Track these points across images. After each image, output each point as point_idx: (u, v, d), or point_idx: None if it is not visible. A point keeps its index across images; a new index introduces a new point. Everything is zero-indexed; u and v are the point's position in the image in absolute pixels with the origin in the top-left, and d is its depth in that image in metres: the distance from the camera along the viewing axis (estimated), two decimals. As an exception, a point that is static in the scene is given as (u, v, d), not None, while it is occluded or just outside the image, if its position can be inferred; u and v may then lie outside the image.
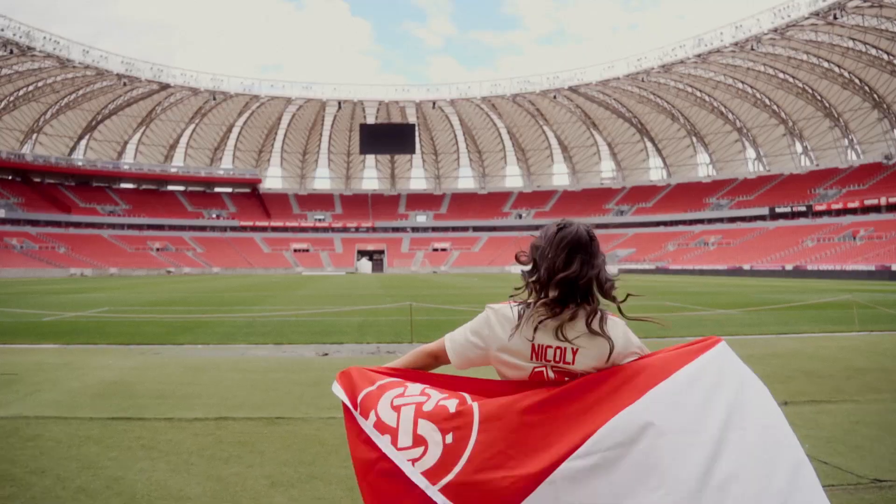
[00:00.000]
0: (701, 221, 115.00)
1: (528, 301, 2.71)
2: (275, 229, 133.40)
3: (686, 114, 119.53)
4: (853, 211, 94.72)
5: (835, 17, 77.99)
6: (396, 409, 2.56)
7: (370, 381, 2.76)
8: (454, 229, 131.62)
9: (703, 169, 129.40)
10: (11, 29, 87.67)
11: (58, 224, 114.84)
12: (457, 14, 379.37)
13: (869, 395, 8.60)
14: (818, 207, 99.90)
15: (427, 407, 2.55)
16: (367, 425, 2.57)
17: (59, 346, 13.91)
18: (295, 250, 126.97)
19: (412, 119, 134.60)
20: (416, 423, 2.49)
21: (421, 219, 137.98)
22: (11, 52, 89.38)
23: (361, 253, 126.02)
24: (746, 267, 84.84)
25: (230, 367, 11.19)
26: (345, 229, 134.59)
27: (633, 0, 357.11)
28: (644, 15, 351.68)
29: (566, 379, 2.58)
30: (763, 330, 16.76)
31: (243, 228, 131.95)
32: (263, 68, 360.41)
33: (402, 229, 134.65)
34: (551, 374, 2.62)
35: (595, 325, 2.55)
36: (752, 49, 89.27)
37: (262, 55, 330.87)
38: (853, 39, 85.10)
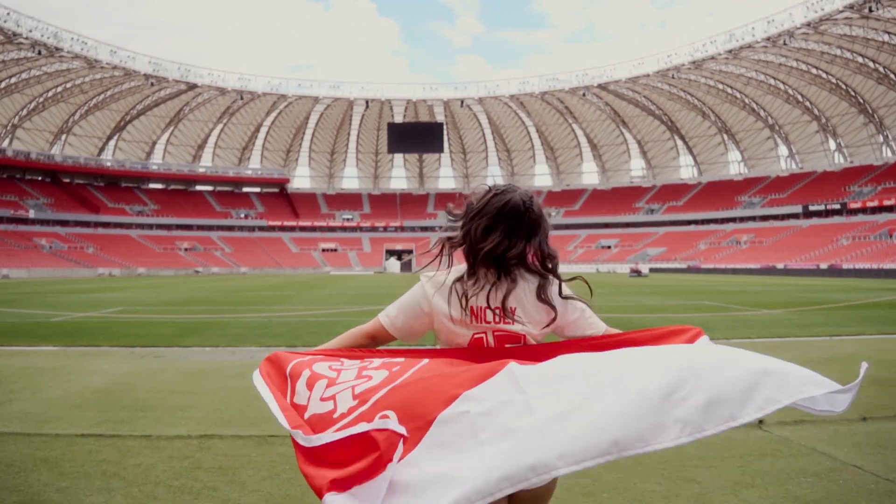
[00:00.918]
0: (733, 220, 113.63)
1: (463, 269, 2.68)
2: (303, 229, 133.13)
3: (717, 111, 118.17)
4: (889, 209, 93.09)
5: (870, 10, 76.52)
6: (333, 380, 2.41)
7: (299, 359, 2.59)
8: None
9: (734, 167, 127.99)
10: (39, 30, 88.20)
11: (87, 224, 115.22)
12: (484, 13, 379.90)
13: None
14: (853, 205, 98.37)
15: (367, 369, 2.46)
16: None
17: (58, 349, 13.05)
18: (323, 250, 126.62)
19: (440, 118, 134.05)
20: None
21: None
22: (40, 52, 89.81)
23: (390, 252, 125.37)
24: (780, 266, 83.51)
25: (233, 372, 10.24)
26: (373, 229, 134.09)
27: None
28: (673, 12, 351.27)
29: (506, 346, 2.64)
30: (814, 331, 15.57)
31: (271, 228, 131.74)
32: (291, 69, 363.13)
33: (431, 228, 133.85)
34: (491, 341, 2.65)
35: (537, 293, 2.67)
36: (785, 44, 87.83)
37: (289, 56, 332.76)
38: (888, 33, 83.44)
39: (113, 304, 27.07)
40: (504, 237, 2.64)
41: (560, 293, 2.78)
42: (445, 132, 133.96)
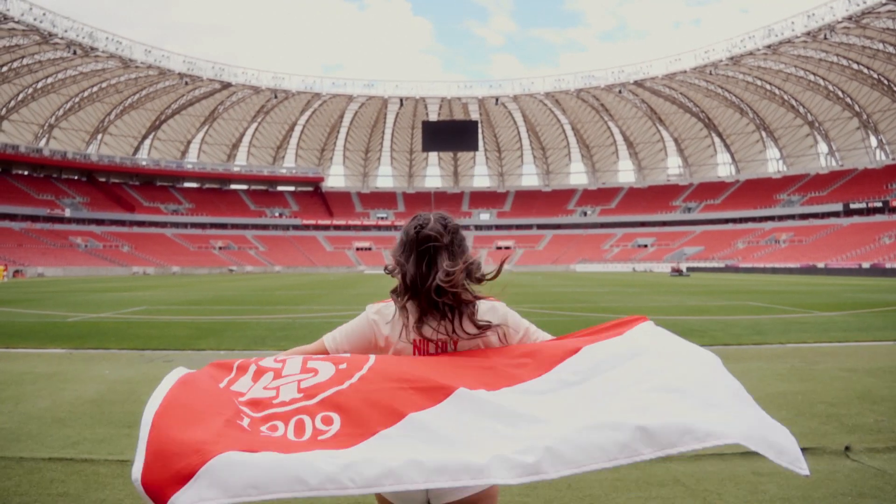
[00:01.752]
0: (771, 218, 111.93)
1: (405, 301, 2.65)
2: (337, 228, 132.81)
3: (755, 107, 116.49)
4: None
5: (916, 3, 74.83)
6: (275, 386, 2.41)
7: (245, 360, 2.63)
8: (518, 227, 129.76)
9: (772, 164, 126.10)
10: (75, 30, 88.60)
11: (122, 223, 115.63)
12: (518, 11, 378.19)
13: None
14: (895, 203, 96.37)
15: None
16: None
17: (64, 352, 12.37)
18: (357, 249, 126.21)
19: (475, 116, 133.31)
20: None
21: (484, 217, 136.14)
22: (75, 52, 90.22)
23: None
24: (821, 265, 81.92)
25: (242, 381, 9.38)
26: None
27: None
28: (707, 10, 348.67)
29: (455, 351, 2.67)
30: (877, 335, 14.43)
31: (305, 227, 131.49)
32: (325, 68, 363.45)
33: (465, 227, 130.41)
34: None
35: (467, 320, 2.59)
36: (825, 38, 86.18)
37: (323, 56, 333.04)
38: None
39: (137, 304, 26.47)
40: (417, 267, 2.58)
41: (483, 324, 2.61)
42: (480, 130, 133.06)
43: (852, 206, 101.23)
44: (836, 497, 4.67)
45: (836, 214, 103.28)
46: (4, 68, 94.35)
